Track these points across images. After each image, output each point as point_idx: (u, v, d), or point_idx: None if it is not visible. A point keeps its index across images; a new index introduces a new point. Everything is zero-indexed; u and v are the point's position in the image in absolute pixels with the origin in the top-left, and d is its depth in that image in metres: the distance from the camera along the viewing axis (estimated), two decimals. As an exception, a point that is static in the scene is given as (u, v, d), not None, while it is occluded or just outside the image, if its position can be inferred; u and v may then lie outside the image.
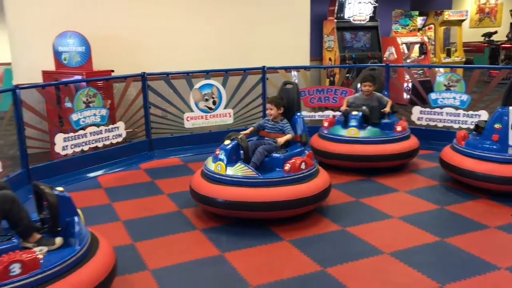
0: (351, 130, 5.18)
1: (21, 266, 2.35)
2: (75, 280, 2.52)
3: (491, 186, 4.40)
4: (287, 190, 3.80)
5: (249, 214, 3.83)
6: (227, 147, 4.01)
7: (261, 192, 3.77)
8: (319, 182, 4.03)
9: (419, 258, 3.35)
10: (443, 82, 6.22)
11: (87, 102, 5.50)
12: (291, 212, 3.89)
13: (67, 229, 2.77)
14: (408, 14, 10.33)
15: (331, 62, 9.37)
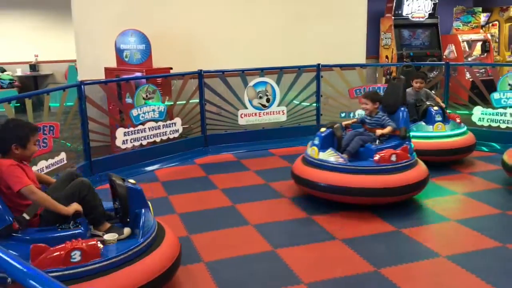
0: (438, 125, 5.32)
1: (81, 253, 2.46)
2: (134, 271, 2.59)
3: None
4: (371, 179, 4.02)
5: (333, 196, 4.16)
6: (322, 134, 4.38)
7: (345, 177, 4.05)
8: (409, 176, 4.10)
9: (477, 263, 3.24)
10: (508, 81, 5.95)
11: (146, 98, 5.70)
12: (373, 199, 4.07)
13: (135, 221, 2.86)
14: (471, 10, 9.92)
15: (388, 60, 9.17)
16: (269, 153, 6.22)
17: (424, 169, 4.31)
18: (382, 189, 4.01)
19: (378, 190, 4.01)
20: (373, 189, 4.00)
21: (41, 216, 2.76)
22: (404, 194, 4.12)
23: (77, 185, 2.82)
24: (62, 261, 2.42)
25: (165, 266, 2.75)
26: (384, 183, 4.01)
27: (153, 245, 2.80)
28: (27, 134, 2.80)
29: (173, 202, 4.51)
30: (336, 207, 4.24)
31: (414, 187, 4.14)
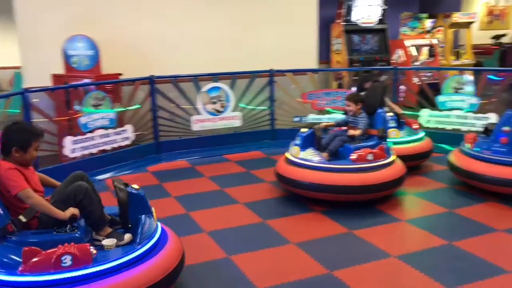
0: (393, 131, 5.27)
1: (72, 258, 2.41)
2: (126, 278, 2.51)
3: (499, 189, 4.35)
4: (349, 177, 4.17)
5: (310, 193, 4.32)
6: (303, 134, 4.57)
7: (325, 175, 4.20)
8: (385, 174, 4.25)
9: (426, 261, 3.33)
10: (451, 85, 6.19)
11: (96, 105, 5.55)
12: (349, 197, 4.23)
13: (136, 226, 2.80)
14: (417, 16, 10.28)
15: (339, 65, 9.35)
16: (224, 158, 6.18)
17: (401, 167, 4.48)
18: (359, 187, 4.15)
19: (356, 188, 4.15)
20: (351, 187, 4.15)
21: (39, 218, 2.74)
22: (381, 191, 4.29)
23: (73, 189, 2.80)
24: (53, 265, 2.39)
25: (161, 274, 2.66)
26: (361, 181, 4.15)
27: (151, 253, 2.72)
28: (29, 139, 2.81)
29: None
30: (291, 211, 4.26)
31: (390, 184, 4.31)
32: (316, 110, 6.91)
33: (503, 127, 4.48)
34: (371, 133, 4.69)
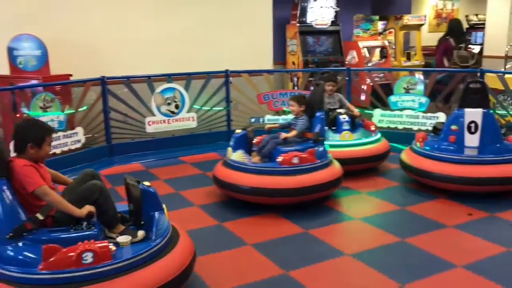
0: (345, 133, 5.25)
1: (94, 255, 2.45)
2: (146, 274, 2.57)
3: (449, 186, 4.50)
4: (274, 179, 4.14)
5: (237, 195, 4.32)
6: (237, 135, 4.60)
7: (248, 177, 4.21)
8: (313, 177, 4.20)
9: (379, 259, 3.39)
10: (402, 85, 6.36)
11: (44, 107, 5.34)
12: (271, 200, 4.19)
13: (149, 223, 2.82)
14: (369, 18, 10.52)
15: (295, 66, 9.43)
16: (180, 161, 6.10)
17: (335, 170, 4.43)
18: (284, 189, 4.11)
19: (281, 190, 4.12)
20: (276, 189, 4.12)
21: (54, 217, 2.74)
22: (309, 194, 4.21)
23: (88, 188, 2.81)
24: (74, 262, 2.42)
25: (178, 270, 2.72)
26: (286, 183, 4.11)
27: (167, 248, 2.78)
28: (43, 134, 2.83)
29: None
30: (246, 212, 4.24)
31: (323, 187, 4.25)
32: (273, 111, 6.93)
33: (451, 126, 4.62)
34: (306, 136, 4.61)
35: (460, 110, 4.62)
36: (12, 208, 2.64)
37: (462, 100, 4.67)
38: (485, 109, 4.51)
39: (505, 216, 4.07)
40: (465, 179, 4.37)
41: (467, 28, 14.66)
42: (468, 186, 4.40)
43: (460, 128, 4.55)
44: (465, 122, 4.53)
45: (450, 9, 15.92)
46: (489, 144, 4.46)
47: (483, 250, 3.47)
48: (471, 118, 4.51)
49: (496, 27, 10.39)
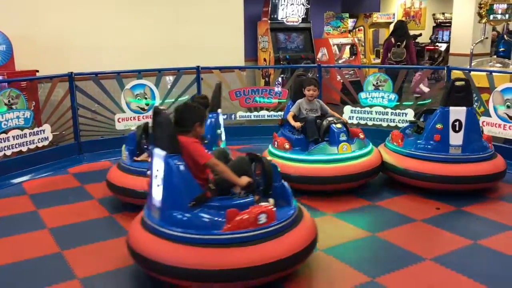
0: (343, 145, 4.54)
1: (267, 216, 2.84)
2: (299, 233, 2.99)
3: (435, 186, 4.46)
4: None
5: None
6: (130, 134, 4.51)
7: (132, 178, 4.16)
8: None
9: (350, 253, 3.43)
10: (372, 82, 6.45)
11: (9, 104, 5.19)
12: None
13: (276, 192, 3.23)
14: (339, 16, 10.64)
15: (266, 62, 9.45)
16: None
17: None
18: None
19: None
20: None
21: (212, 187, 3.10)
22: None
23: (240, 161, 3.22)
24: (252, 223, 2.80)
25: (315, 230, 3.18)
26: None
27: (301, 212, 3.22)
28: (204, 113, 3.24)
29: (43, 216, 4.15)
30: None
31: None
32: (245, 108, 6.92)
33: (436, 125, 4.54)
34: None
35: (445, 108, 4.54)
36: (189, 180, 2.93)
37: (446, 98, 4.58)
38: (469, 107, 4.52)
39: (472, 210, 4.18)
40: (450, 178, 4.36)
41: (434, 27, 15.03)
42: (454, 185, 4.41)
43: (445, 127, 4.52)
44: (450, 121, 4.51)
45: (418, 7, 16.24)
46: (471, 142, 4.51)
47: (451, 243, 3.55)
48: (456, 117, 4.51)
49: (462, 26, 10.66)
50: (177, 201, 2.92)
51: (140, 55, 7.07)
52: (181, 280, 2.79)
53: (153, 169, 3.00)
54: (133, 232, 3.08)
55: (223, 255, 2.74)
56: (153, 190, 3.01)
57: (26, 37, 6.10)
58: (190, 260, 2.72)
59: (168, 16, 7.42)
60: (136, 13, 7.15)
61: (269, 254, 2.78)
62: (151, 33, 7.27)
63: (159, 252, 2.81)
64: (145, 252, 2.86)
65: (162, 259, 2.77)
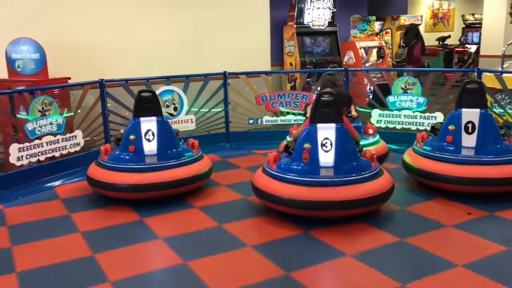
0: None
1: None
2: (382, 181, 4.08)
3: (447, 186, 4.51)
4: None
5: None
6: None
7: None
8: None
9: (380, 259, 3.40)
10: (400, 85, 6.38)
11: (42, 110, 5.34)
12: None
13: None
14: (366, 19, 10.56)
15: (292, 67, 9.45)
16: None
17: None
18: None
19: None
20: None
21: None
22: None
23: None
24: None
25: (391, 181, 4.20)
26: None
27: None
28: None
29: (76, 219, 4.25)
30: (246, 214, 4.26)
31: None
32: (271, 112, 6.94)
33: (448, 126, 4.62)
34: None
35: (457, 110, 4.60)
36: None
37: (459, 100, 4.64)
38: (482, 109, 4.51)
39: (505, 215, 4.09)
40: (462, 179, 4.38)
41: (463, 28, 14.75)
42: (465, 186, 4.40)
43: (457, 128, 4.55)
44: (462, 122, 4.53)
45: (447, 9, 15.99)
46: (487, 144, 4.46)
47: (483, 249, 3.49)
48: (468, 118, 4.51)
49: (493, 27, 10.44)
50: (348, 157, 4.03)
51: (168, 61, 7.18)
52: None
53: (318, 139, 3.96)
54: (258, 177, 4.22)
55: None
56: (321, 155, 3.95)
57: (58, 45, 6.26)
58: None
59: (195, 22, 7.52)
60: (164, 19, 7.26)
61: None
62: (179, 39, 7.37)
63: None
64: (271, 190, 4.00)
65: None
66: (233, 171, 5.71)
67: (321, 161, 3.97)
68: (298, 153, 4.07)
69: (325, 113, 4.05)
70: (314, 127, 4.06)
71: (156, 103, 4.80)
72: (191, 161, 4.74)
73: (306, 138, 4.05)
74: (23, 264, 3.43)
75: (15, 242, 3.80)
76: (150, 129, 4.61)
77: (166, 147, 4.66)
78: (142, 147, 4.58)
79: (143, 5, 7.11)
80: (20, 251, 3.66)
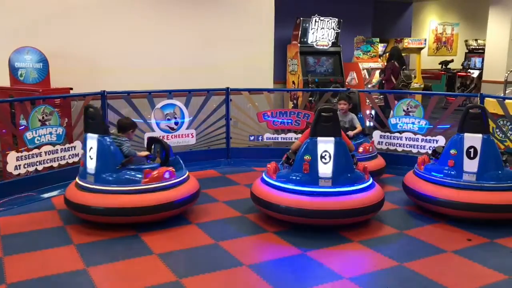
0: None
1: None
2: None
3: (447, 211, 4.46)
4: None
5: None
6: None
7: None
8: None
9: (378, 283, 3.34)
10: (402, 107, 6.36)
11: (43, 120, 5.32)
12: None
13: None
14: (370, 40, 10.61)
15: (295, 85, 9.47)
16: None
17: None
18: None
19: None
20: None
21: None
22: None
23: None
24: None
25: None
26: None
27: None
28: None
29: (71, 232, 4.19)
30: (244, 232, 4.20)
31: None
32: (272, 130, 6.92)
33: (450, 150, 4.60)
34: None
35: (459, 134, 4.57)
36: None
37: (461, 124, 4.62)
38: (485, 135, 4.49)
39: (505, 242, 4.03)
40: (463, 205, 4.34)
41: (466, 53, 14.82)
42: (466, 212, 4.36)
43: (459, 153, 4.53)
44: (464, 147, 4.51)
45: (450, 33, 16.10)
46: (489, 170, 4.42)
47: (483, 277, 3.42)
48: (470, 143, 4.49)
49: (496, 52, 10.48)
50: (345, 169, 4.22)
51: (170, 75, 7.19)
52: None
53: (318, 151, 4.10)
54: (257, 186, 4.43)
55: None
56: (320, 167, 4.08)
57: (61, 56, 6.28)
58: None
59: (199, 37, 7.55)
60: (168, 34, 7.30)
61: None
62: (182, 54, 7.40)
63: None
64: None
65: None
66: (232, 188, 5.66)
67: (320, 172, 4.15)
68: (298, 164, 4.26)
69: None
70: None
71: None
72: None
73: (306, 151, 4.24)
74: (14, 275, 3.36)
75: (7, 253, 3.74)
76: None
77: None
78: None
79: (147, 20, 7.15)
80: (12, 262, 3.60)
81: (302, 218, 4.12)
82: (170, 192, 4.30)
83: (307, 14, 9.37)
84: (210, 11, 7.63)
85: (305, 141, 4.33)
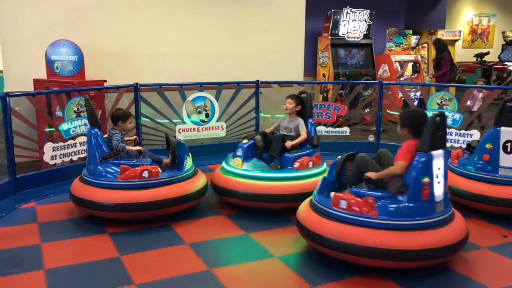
0: (236, 160, 4.55)
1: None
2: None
3: (482, 206, 4.36)
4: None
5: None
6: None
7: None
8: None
9: (411, 278, 3.30)
10: (436, 101, 6.24)
11: (78, 111, 5.45)
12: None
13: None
14: (402, 32, 10.42)
15: (325, 78, 9.39)
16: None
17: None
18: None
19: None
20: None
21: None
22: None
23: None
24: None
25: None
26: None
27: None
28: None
29: (105, 221, 4.29)
30: (272, 223, 4.22)
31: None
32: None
33: (486, 145, 4.49)
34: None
35: (496, 128, 4.48)
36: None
37: (498, 118, 4.52)
38: None
39: (542, 239, 3.92)
40: (499, 200, 4.23)
41: (503, 45, 14.40)
42: (502, 208, 4.26)
43: (495, 147, 4.42)
44: (501, 141, 4.40)
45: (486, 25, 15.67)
46: (527, 164, 4.30)
47: (519, 274, 3.35)
48: (507, 137, 4.38)
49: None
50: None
51: (201, 67, 7.25)
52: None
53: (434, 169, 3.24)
54: (305, 215, 3.55)
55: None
56: (435, 188, 3.26)
57: (95, 48, 6.41)
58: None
59: (230, 30, 7.57)
60: (199, 28, 7.34)
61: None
62: (213, 47, 7.44)
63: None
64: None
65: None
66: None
67: (436, 196, 3.33)
68: (415, 190, 3.25)
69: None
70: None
71: (89, 111, 4.49)
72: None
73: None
74: (51, 261, 3.47)
75: (44, 240, 3.87)
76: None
77: (89, 159, 4.38)
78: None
79: (179, 15, 7.21)
80: (49, 248, 3.71)
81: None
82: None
83: (339, 6, 9.26)
84: (241, 3, 7.64)
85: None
